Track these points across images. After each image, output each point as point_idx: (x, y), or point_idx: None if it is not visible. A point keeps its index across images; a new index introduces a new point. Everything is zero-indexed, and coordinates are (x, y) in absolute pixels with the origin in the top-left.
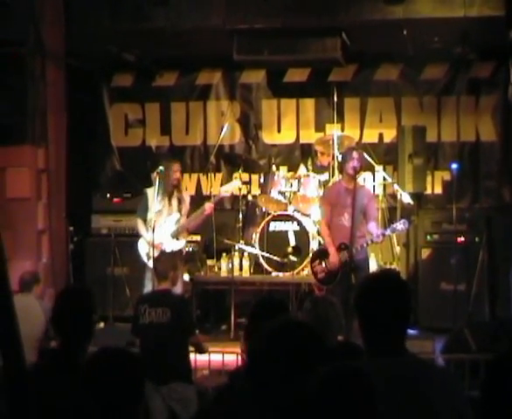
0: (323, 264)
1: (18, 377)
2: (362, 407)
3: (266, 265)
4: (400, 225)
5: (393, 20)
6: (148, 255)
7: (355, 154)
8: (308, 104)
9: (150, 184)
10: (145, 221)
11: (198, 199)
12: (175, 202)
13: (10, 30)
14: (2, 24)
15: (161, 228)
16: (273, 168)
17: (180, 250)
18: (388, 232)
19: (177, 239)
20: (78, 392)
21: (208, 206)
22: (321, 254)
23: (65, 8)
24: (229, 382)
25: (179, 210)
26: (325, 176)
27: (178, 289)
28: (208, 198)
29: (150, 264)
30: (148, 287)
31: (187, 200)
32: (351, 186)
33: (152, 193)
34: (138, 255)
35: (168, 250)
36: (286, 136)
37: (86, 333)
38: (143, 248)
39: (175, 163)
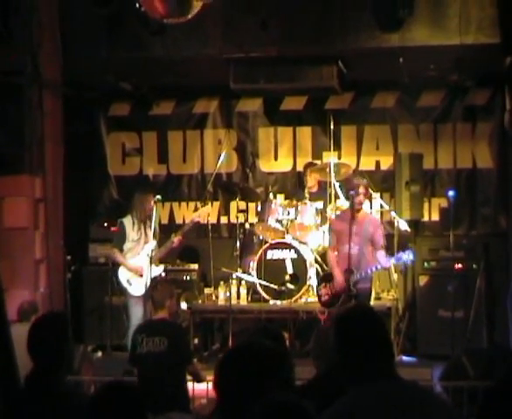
0: (328, 288)
1: (15, 406)
2: None
3: (263, 293)
4: (406, 256)
5: (389, 48)
6: (128, 281)
7: (361, 190)
8: (305, 132)
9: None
10: (121, 251)
11: (196, 228)
12: (149, 230)
13: (8, 60)
14: None
15: (140, 255)
16: (271, 196)
17: (156, 277)
18: (392, 262)
19: (155, 265)
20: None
21: (176, 239)
22: (327, 278)
23: (63, 38)
24: None
25: (155, 238)
26: (320, 204)
27: None
28: (205, 227)
29: (131, 290)
30: (136, 315)
31: (157, 229)
32: (356, 214)
33: (128, 223)
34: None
35: (146, 275)
36: (283, 164)
37: (59, 359)
38: (123, 274)
39: (149, 195)
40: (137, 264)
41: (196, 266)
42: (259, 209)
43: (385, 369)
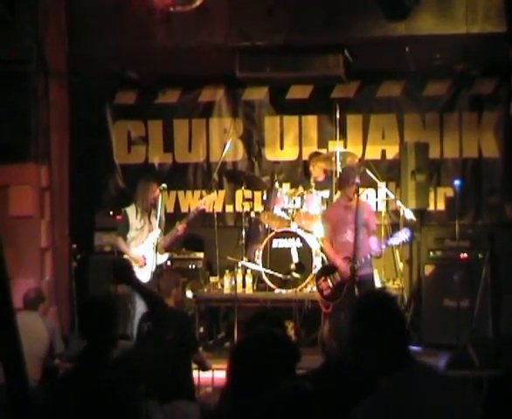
0: (329, 281)
1: (21, 395)
2: None
3: (269, 282)
4: (402, 234)
5: (395, 37)
6: None
7: (357, 180)
8: (311, 121)
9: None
10: (125, 239)
11: (201, 216)
12: (154, 219)
13: (14, 49)
14: (5, 43)
15: (144, 244)
16: (276, 184)
17: (161, 265)
18: (390, 242)
19: (160, 254)
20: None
21: (180, 227)
22: (327, 271)
23: (68, 26)
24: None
25: (160, 226)
26: (326, 193)
27: None
28: (211, 215)
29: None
30: (141, 303)
31: (163, 218)
32: (350, 203)
33: (132, 212)
34: None
35: (151, 263)
36: (288, 153)
37: (110, 336)
38: None
39: (153, 183)
40: (139, 255)
41: (201, 255)
42: (264, 197)
43: (410, 356)
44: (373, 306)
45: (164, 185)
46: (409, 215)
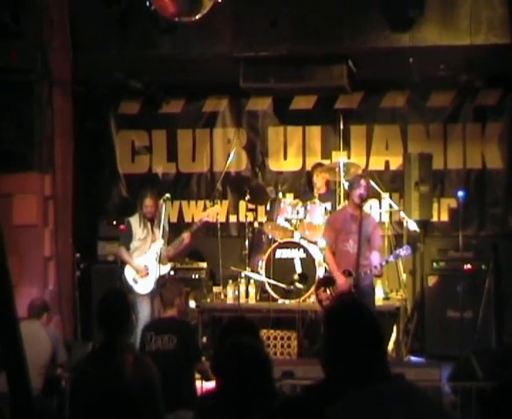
0: (328, 292)
1: (24, 404)
2: None
3: (272, 292)
4: (403, 251)
5: (399, 48)
6: (134, 279)
7: (362, 182)
8: (315, 131)
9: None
10: (128, 249)
11: (205, 227)
12: (157, 229)
13: (18, 58)
14: (9, 52)
15: (146, 254)
16: (280, 195)
17: (164, 275)
18: (391, 259)
19: (163, 264)
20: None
21: (186, 236)
22: (326, 282)
23: (73, 35)
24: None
25: (163, 237)
26: (329, 205)
27: None
28: (214, 226)
29: (137, 288)
30: (143, 312)
31: (166, 227)
32: (357, 213)
33: (135, 221)
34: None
35: (153, 273)
36: (292, 163)
37: (127, 325)
38: (130, 273)
39: (146, 197)
40: (142, 265)
41: (204, 265)
42: (268, 208)
43: (384, 369)
44: (343, 312)
45: (168, 195)
46: (412, 226)
